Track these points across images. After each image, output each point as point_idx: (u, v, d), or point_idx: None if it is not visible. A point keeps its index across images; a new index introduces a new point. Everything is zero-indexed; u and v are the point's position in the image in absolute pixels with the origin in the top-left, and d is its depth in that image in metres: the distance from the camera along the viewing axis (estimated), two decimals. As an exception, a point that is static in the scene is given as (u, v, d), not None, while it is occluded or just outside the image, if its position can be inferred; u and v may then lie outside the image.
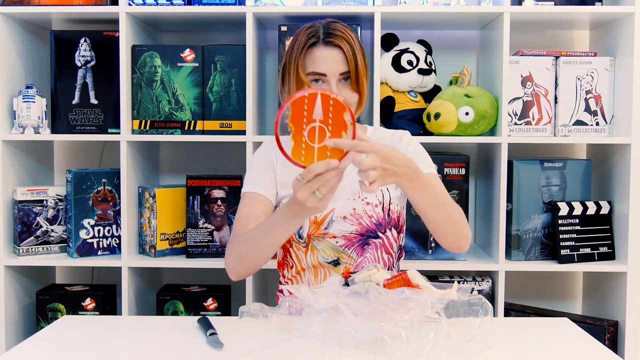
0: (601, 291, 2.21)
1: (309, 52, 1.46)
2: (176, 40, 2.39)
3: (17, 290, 2.13)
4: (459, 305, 1.21)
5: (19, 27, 2.15)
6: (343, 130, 1.19)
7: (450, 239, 1.47)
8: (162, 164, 2.42)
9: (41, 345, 1.24)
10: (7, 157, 2.07)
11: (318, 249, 1.52)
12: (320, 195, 1.20)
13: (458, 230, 1.46)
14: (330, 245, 1.51)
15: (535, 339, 1.28)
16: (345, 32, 1.47)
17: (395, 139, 1.60)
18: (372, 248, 1.53)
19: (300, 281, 1.56)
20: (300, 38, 1.47)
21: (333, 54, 1.45)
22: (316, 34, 1.46)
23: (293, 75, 1.47)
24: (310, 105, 1.19)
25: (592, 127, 2.09)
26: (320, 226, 1.51)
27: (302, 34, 1.48)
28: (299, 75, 1.46)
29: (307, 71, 1.46)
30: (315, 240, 1.51)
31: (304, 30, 1.48)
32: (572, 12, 2.04)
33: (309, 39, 1.46)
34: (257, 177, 1.55)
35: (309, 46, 1.46)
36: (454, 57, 2.34)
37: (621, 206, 2.07)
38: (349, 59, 1.45)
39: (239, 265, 1.47)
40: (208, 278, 2.31)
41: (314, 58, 1.45)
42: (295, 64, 1.46)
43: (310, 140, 1.20)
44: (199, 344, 1.23)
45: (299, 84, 1.47)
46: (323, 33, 1.46)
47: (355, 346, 1.15)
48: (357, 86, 1.47)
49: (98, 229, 2.12)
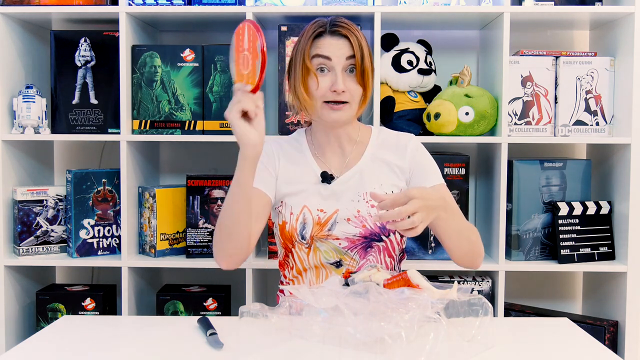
0: (601, 291, 2.21)
1: (315, 41, 1.47)
2: (176, 40, 2.39)
3: (17, 290, 2.13)
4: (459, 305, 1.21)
5: (19, 27, 2.15)
6: (256, 59, 1.30)
7: (466, 259, 1.51)
8: (162, 164, 2.42)
9: (41, 345, 1.24)
10: (7, 157, 2.07)
11: (321, 250, 1.51)
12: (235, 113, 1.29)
13: (475, 251, 1.50)
14: (333, 247, 1.51)
15: (535, 339, 1.28)
16: (352, 25, 1.49)
17: (400, 142, 1.59)
18: (375, 251, 1.53)
19: (301, 281, 1.55)
20: (307, 31, 1.49)
21: (339, 42, 1.46)
22: (323, 25, 1.48)
23: (300, 63, 1.47)
24: (243, 35, 1.35)
25: (592, 127, 2.09)
26: (324, 227, 1.50)
27: (309, 28, 1.50)
28: (304, 62, 1.46)
29: (312, 54, 1.46)
30: (318, 242, 1.51)
31: (311, 25, 1.50)
32: (572, 12, 2.04)
33: (316, 29, 1.48)
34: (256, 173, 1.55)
35: (315, 36, 1.47)
36: (454, 57, 2.34)
37: (621, 206, 2.07)
38: (355, 47, 1.45)
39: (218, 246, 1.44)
40: (208, 278, 2.31)
41: (319, 44, 1.47)
42: (301, 52, 1.47)
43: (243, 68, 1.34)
44: (199, 344, 1.23)
45: (305, 72, 1.47)
46: (330, 24, 1.48)
47: (355, 346, 1.15)
48: (362, 79, 1.47)
49: (98, 229, 2.12)
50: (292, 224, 1.51)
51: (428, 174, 1.54)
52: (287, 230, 1.51)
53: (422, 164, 1.56)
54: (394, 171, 1.55)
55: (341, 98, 1.45)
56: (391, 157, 1.56)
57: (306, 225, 1.50)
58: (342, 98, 1.45)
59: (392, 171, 1.55)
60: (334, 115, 1.47)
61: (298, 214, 1.51)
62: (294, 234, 1.51)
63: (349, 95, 1.46)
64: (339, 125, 1.52)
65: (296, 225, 1.50)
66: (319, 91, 1.46)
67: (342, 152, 1.57)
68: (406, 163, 1.55)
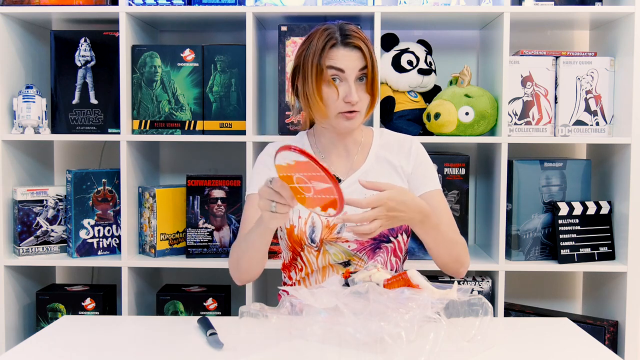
0: (601, 291, 2.21)
1: (328, 51, 1.46)
2: (176, 40, 2.39)
3: (17, 290, 2.13)
4: (459, 305, 1.21)
5: (19, 27, 2.14)
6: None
7: (449, 268, 1.54)
8: (162, 164, 2.42)
9: (41, 345, 1.24)
10: (7, 157, 2.07)
11: (330, 252, 1.52)
12: (274, 208, 1.25)
13: (458, 262, 1.53)
14: (342, 249, 1.52)
15: (535, 339, 1.28)
16: (361, 33, 1.49)
17: (403, 143, 1.60)
18: (383, 252, 1.54)
19: (308, 282, 1.56)
20: (317, 40, 1.47)
21: (352, 54, 1.46)
22: (334, 35, 1.46)
23: (313, 71, 1.45)
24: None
25: (592, 127, 2.09)
26: (333, 230, 1.51)
27: (317, 36, 1.47)
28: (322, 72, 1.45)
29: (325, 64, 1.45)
30: (327, 244, 1.52)
31: (320, 33, 1.48)
32: (572, 12, 2.04)
33: (328, 40, 1.46)
34: (259, 179, 1.55)
35: (329, 47, 1.45)
36: (454, 57, 2.34)
37: (621, 206, 2.07)
38: (367, 59, 1.46)
39: (236, 271, 1.53)
40: (208, 278, 2.31)
41: (332, 56, 1.46)
42: (316, 61, 1.45)
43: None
44: (199, 344, 1.23)
45: (320, 81, 1.45)
46: (340, 35, 1.47)
47: (355, 346, 1.15)
48: (371, 88, 1.48)
49: (98, 229, 2.12)
50: (300, 227, 1.51)
51: (427, 179, 1.56)
52: (296, 234, 1.52)
53: (423, 168, 1.57)
54: (398, 172, 1.57)
55: (354, 108, 1.47)
56: (395, 158, 1.58)
57: (315, 229, 1.51)
58: (354, 108, 1.47)
59: (396, 172, 1.57)
60: (347, 124, 1.49)
61: (307, 218, 1.52)
62: (304, 237, 1.52)
63: (360, 104, 1.48)
64: (349, 132, 1.55)
65: (305, 229, 1.51)
66: (337, 102, 1.46)
67: (347, 154, 1.58)
68: (410, 165, 1.57)
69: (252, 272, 1.51)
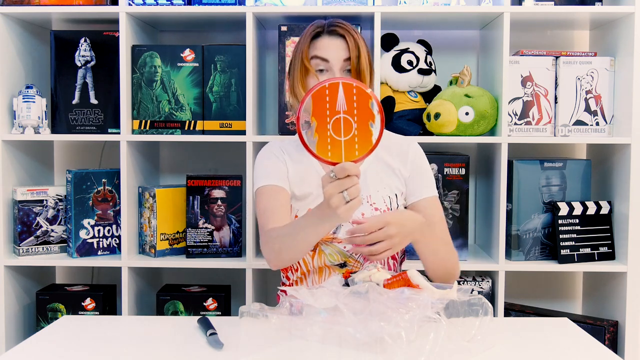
0: (601, 291, 2.21)
1: (313, 42, 1.49)
2: (176, 40, 2.39)
3: (17, 290, 2.13)
4: (459, 305, 1.21)
5: (19, 27, 2.15)
6: (370, 120, 1.11)
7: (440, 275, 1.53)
8: (162, 164, 2.42)
9: (41, 345, 1.24)
10: (7, 157, 2.07)
11: (325, 253, 1.51)
12: (348, 197, 1.15)
13: (448, 271, 1.52)
14: (337, 250, 1.51)
15: (535, 339, 1.28)
16: (349, 26, 1.51)
17: (402, 146, 1.59)
18: None
19: (305, 283, 1.55)
20: (306, 32, 1.52)
21: (337, 43, 1.48)
22: (321, 25, 1.51)
23: (298, 64, 1.49)
24: (332, 96, 1.11)
25: (592, 127, 2.09)
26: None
27: (307, 29, 1.52)
28: (303, 63, 1.48)
29: (310, 55, 1.48)
30: (323, 245, 1.51)
31: (310, 26, 1.53)
32: (572, 12, 2.04)
33: (314, 30, 1.50)
34: (271, 171, 1.54)
35: (313, 36, 1.50)
36: (454, 57, 2.34)
37: (621, 206, 2.07)
38: (351, 47, 1.47)
39: (276, 259, 1.45)
40: (208, 278, 2.31)
41: (317, 45, 1.49)
42: (300, 53, 1.49)
43: (336, 134, 1.11)
44: (199, 344, 1.23)
45: (304, 72, 1.48)
46: (327, 25, 1.50)
47: (355, 346, 1.15)
48: (358, 78, 1.47)
49: (98, 229, 2.12)
50: None
51: (424, 184, 1.56)
52: None
53: (421, 172, 1.57)
54: (396, 174, 1.56)
55: None
56: (393, 160, 1.57)
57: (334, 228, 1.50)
58: None
59: (394, 174, 1.56)
60: None
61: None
62: None
63: None
64: None
65: None
66: None
67: None
68: (407, 168, 1.57)
69: (294, 260, 1.46)
